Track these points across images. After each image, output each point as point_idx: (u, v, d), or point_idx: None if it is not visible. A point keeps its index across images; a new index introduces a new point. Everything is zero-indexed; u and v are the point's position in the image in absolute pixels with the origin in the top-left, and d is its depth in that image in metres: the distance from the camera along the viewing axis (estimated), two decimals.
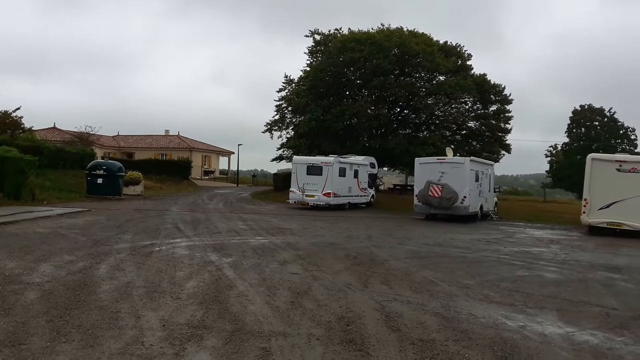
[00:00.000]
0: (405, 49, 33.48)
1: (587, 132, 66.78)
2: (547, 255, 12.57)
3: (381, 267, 9.88)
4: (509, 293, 7.99)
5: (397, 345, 5.34)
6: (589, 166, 19.43)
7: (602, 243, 16.20)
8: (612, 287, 8.94)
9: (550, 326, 6.23)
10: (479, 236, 16.51)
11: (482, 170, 23.62)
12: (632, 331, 6.19)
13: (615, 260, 12.33)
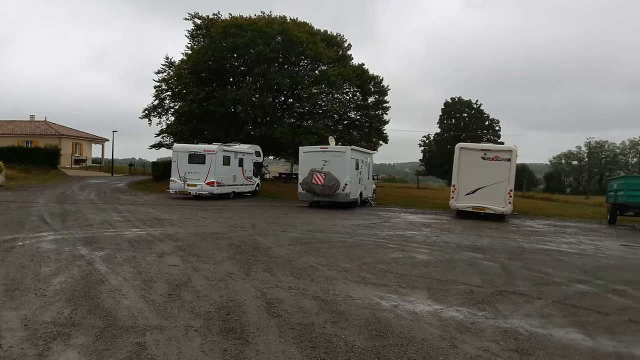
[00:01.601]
0: (288, 36, 33.63)
1: (457, 123, 72.55)
2: (419, 238, 13.48)
3: (264, 254, 9.89)
4: (384, 274, 8.44)
5: (277, 331, 5.38)
6: (457, 155, 21.13)
7: (469, 226, 17.74)
8: (476, 266, 9.82)
9: (421, 304, 6.68)
10: (358, 222, 17.23)
11: (362, 158, 24.62)
12: (493, 306, 6.84)
13: (480, 241, 13.57)
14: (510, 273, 9.18)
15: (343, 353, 4.87)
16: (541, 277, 8.93)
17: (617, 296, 7.80)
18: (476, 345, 5.21)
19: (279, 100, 38.58)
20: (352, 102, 39.28)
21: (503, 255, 11.19)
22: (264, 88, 35.04)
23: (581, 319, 6.38)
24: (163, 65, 37.40)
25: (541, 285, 8.24)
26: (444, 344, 5.22)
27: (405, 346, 5.09)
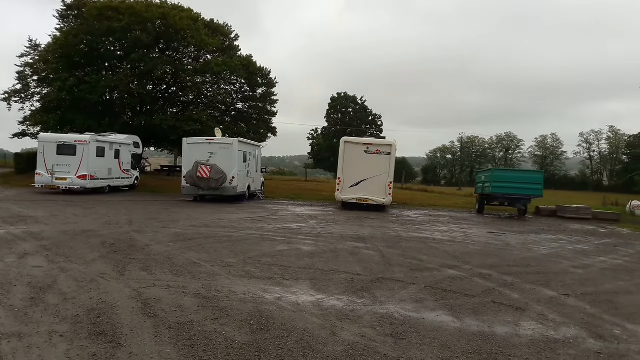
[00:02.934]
0: (169, 22, 32.28)
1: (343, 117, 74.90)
2: (305, 230, 13.73)
3: (141, 252, 9.43)
4: (269, 267, 8.47)
5: (153, 332, 5.16)
6: (342, 148, 21.81)
7: (352, 217, 18.42)
8: (358, 255, 10.22)
9: (304, 295, 6.80)
10: (245, 215, 17.11)
11: (250, 151, 24.45)
12: (371, 293, 7.17)
13: (362, 231, 14.15)
14: (388, 261, 9.69)
15: (222, 349, 4.80)
16: (416, 264, 9.54)
17: (482, 280, 8.55)
18: (354, 332, 5.41)
19: (161, 88, 36.95)
20: (239, 93, 38.80)
21: (382, 244, 11.77)
22: (143, 75, 33.30)
23: (450, 302, 6.91)
24: (27, 48, 34.04)
25: (416, 272, 8.80)
26: (324, 332, 5.36)
27: (286, 338, 5.15)
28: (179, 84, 36.21)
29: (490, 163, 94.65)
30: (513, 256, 11.45)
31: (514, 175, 25.09)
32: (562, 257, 11.70)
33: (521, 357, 5.03)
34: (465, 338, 5.49)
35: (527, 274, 9.38)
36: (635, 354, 5.28)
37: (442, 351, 5.05)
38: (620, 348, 5.44)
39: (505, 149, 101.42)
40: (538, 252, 12.40)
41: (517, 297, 7.43)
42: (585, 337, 5.80)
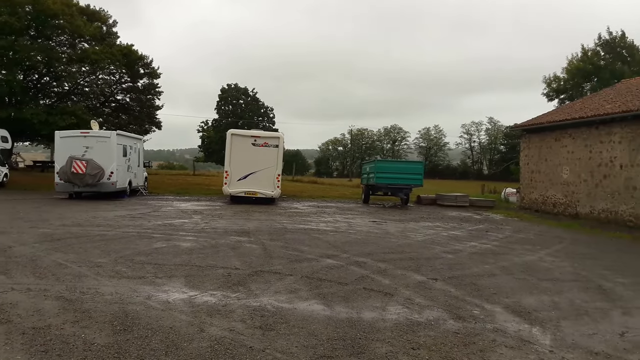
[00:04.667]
0: (40, 6, 29.76)
1: (234, 109, 73.95)
2: (188, 226, 13.46)
3: (1, 255, 8.70)
4: (142, 266, 8.21)
5: (3, 339, 4.82)
6: (229, 141, 21.60)
7: (240, 210, 18.35)
8: (239, 249, 10.23)
9: (176, 293, 6.70)
10: (124, 212, 16.36)
11: (131, 144, 23.35)
12: (247, 286, 7.23)
13: (247, 225, 14.16)
14: (269, 253, 9.82)
15: (80, 352, 4.60)
16: (296, 255, 9.76)
17: (357, 267, 8.96)
18: (223, 327, 5.44)
19: (32, 78, 34.01)
20: (119, 83, 36.79)
21: (266, 237, 11.89)
22: (12, 63, 30.42)
23: (324, 291, 7.18)
24: None
25: (295, 263, 9.01)
26: (192, 329, 5.33)
27: (149, 337, 5.04)
28: (52, 74, 33.57)
29: (379, 154, 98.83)
30: (390, 244, 12.08)
31: (396, 166, 26.54)
32: (436, 243, 12.57)
33: (383, 340, 5.36)
34: (332, 325, 5.74)
35: (401, 260, 9.96)
36: (488, 331, 5.83)
37: (308, 339, 5.24)
38: (477, 327, 5.98)
39: (393, 141, 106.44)
40: (414, 239, 13.21)
41: (388, 283, 7.89)
42: (447, 318, 6.29)
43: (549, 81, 48.93)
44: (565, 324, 6.16)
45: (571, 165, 21.09)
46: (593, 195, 19.60)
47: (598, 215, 19.14)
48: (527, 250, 12.06)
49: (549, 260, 10.77)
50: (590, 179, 19.83)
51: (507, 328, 5.94)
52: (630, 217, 17.53)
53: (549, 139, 22.82)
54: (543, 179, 23.23)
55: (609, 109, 19.41)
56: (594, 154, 19.66)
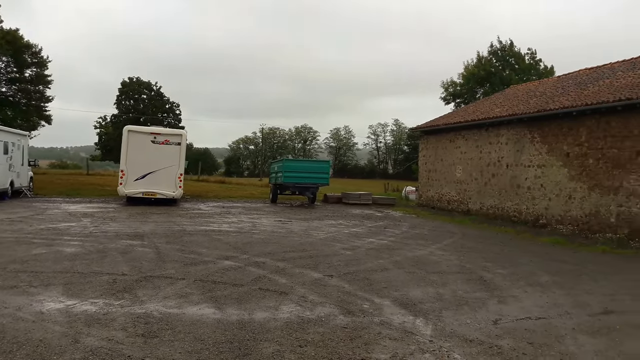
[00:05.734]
0: None
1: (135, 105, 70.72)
2: (74, 230, 12.66)
3: None
4: (15, 275, 7.60)
5: None
6: (126, 138, 20.62)
7: (136, 212, 17.58)
8: (129, 253, 9.78)
9: (51, 302, 6.26)
10: (2, 216, 15.06)
11: (13, 141, 21.55)
12: (133, 293, 6.92)
13: (142, 227, 13.60)
14: (162, 257, 9.49)
15: None
16: (193, 258, 9.52)
17: (256, 268, 8.92)
18: (101, 337, 5.17)
19: None
20: (2, 73, 33.87)
21: (162, 240, 11.49)
22: None
23: (217, 294, 7.05)
24: None
25: (190, 266, 8.79)
26: (65, 341, 5.00)
27: (15, 352, 4.67)
28: None
29: (291, 153, 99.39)
30: (292, 242, 12.16)
31: (304, 165, 26.79)
32: (337, 241, 12.84)
33: (272, 340, 5.37)
34: (222, 328, 5.65)
35: (301, 258, 10.07)
36: (375, 325, 6.03)
37: (193, 344, 5.12)
38: (364, 321, 6.17)
39: (304, 140, 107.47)
40: (316, 237, 13.39)
41: (284, 282, 7.93)
42: (337, 314, 6.43)
43: (446, 86, 51.75)
44: (447, 314, 6.53)
45: (464, 165, 22.44)
46: (483, 193, 21.00)
47: (487, 211, 20.55)
48: (420, 245, 12.66)
49: (438, 254, 11.38)
50: (480, 177, 21.22)
51: (392, 320, 6.18)
52: (515, 212, 18.99)
53: (445, 140, 24.12)
54: (439, 177, 24.52)
55: (498, 112, 20.89)
56: (483, 155, 21.06)
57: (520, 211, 18.72)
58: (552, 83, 22.40)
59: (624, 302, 7.55)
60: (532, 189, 18.16)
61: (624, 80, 16.45)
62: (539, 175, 17.81)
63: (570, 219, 16.33)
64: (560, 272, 9.74)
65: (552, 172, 17.21)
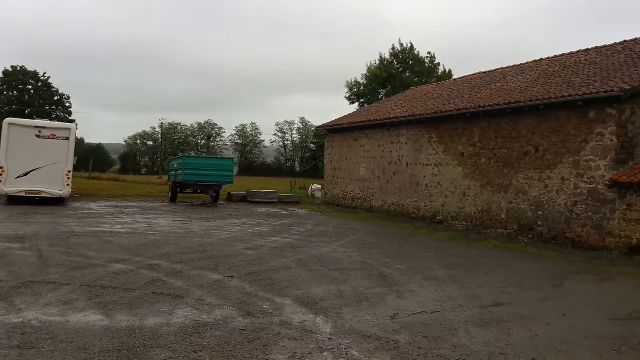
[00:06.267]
0: None
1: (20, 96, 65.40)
2: None
3: None
4: None
5: None
6: (6, 132, 18.93)
7: (18, 213, 16.19)
8: (7, 257, 8.96)
9: None
10: None
11: None
12: (9, 301, 6.32)
13: (24, 229, 12.53)
14: (45, 261, 8.78)
15: None
16: (80, 262, 8.90)
17: (149, 271, 8.50)
18: None
19: None
20: None
21: (45, 243, 10.64)
22: None
23: (105, 299, 6.62)
24: None
25: (76, 270, 8.19)
26: None
27: None
28: None
29: (194, 150, 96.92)
30: (192, 243, 11.78)
31: (206, 162, 26.11)
32: (240, 240, 12.63)
33: (164, 346, 5.12)
34: (109, 336, 5.30)
35: (200, 259, 9.77)
36: (275, 325, 5.96)
37: (77, 354, 4.75)
38: (264, 322, 6.07)
39: (207, 137, 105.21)
40: (218, 237, 13.09)
41: (181, 285, 7.63)
42: (236, 316, 6.28)
43: (350, 86, 53.04)
44: (347, 311, 6.62)
45: (367, 163, 23.08)
46: (385, 191, 21.72)
47: (389, 209, 21.29)
48: (324, 242, 12.81)
49: (341, 251, 11.58)
50: (382, 175, 21.93)
51: (293, 320, 6.16)
52: (414, 209, 19.84)
53: (349, 139, 24.66)
54: (344, 175, 25.03)
55: (399, 113, 21.69)
56: (385, 153, 21.78)
57: (419, 208, 19.58)
58: (449, 86, 23.68)
59: (512, 294, 8.09)
60: (429, 186, 19.06)
61: (513, 84, 17.74)
62: (436, 174, 18.74)
63: (464, 216, 17.33)
64: (455, 266, 10.27)
65: (448, 170, 18.17)
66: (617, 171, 12.50)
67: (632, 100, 12.57)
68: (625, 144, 12.66)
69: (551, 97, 14.11)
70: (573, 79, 15.09)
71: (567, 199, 13.75)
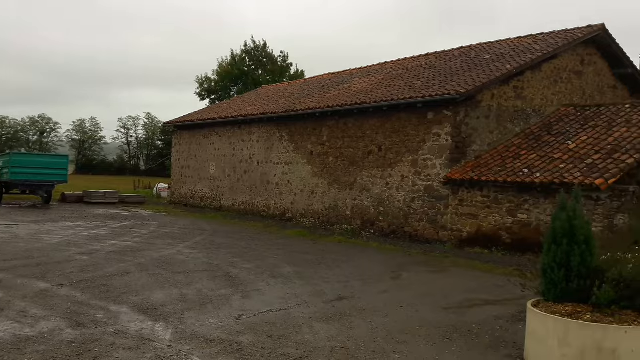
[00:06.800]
0: None
1: None
2: None
3: None
4: None
5: None
6: None
7: None
8: None
9: None
10: None
11: None
12: None
13: None
14: None
15: None
16: None
17: None
18: None
19: None
20: None
21: None
22: None
23: None
24: None
25: None
26: None
27: None
28: None
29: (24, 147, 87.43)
30: (17, 249, 10.75)
31: (36, 160, 23.77)
32: (73, 245, 11.66)
33: None
34: None
35: (26, 267, 8.90)
36: (109, 335, 5.52)
37: None
38: (96, 332, 5.59)
39: (40, 132, 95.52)
40: (48, 241, 11.99)
41: (0, 296, 6.82)
42: (64, 327, 5.73)
43: (201, 81, 51.75)
44: (189, 315, 6.37)
45: (217, 162, 22.70)
46: (235, 189, 21.55)
47: (239, 207, 21.15)
48: (168, 244, 12.28)
49: (186, 252, 11.19)
50: (233, 174, 21.72)
51: (129, 329, 5.77)
52: (264, 207, 19.95)
53: (199, 136, 24.04)
54: (192, 174, 24.34)
55: (250, 110, 21.65)
56: (237, 152, 21.60)
57: (269, 206, 19.73)
58: (300, 85, 24.23)
59: (355, 288, 8.46)
60: (280, 185, 19.31)
61: (360, 85, 18.67)
62: (287, 172, 19.04)
63: (312, 213, 17.84)
64: (302, 263, 10.49)
65: (298, 169, 18.56)
66: (451, 169, 13.74)
67: (466, 103, 13.84)
68: (459, 144, 13.93)
69: (394, 98, 15.08)
70: (414, 81, 16.29)
71: (406, 196, 14.81)
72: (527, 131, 14.60)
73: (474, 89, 13.52)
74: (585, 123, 13.80)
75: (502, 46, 16.99)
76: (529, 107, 15.04)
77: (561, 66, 15.65)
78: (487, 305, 7.57)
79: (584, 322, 4.80)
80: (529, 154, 13.21)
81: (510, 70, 14.20)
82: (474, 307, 7.44)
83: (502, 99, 14.53)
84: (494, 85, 14.16)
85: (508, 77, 14.32)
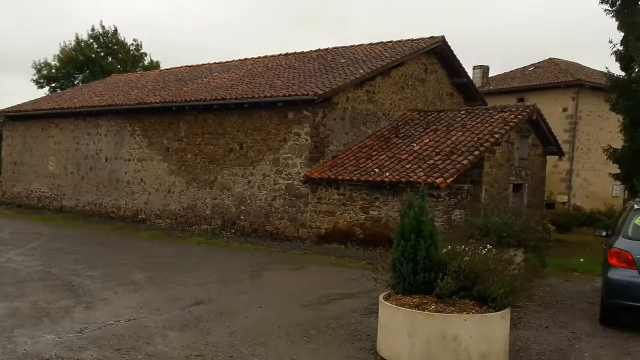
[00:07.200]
0: None
1: None
2: None
3: None
4: None
5: None
6: None
7: None
8: None
9: None
10: None
11: None
12: None
13: None
14: None
15: None
16: None
17: None
18: None
19: None
20: None
21: None
22: None
23: None
24: None
25: None
26: None
27: None
28: None
29: None
30: None
31: None
32: None
33: None
34: None
35: None
36: None
37: None
38: None
39: None
40: None
41: None
42: None
43: (39, 67, 46.84)
44: (21, 332, 5.70)
45: (58, 157, 20.75)
46: (79, 188, 19.87)
47: (84, 208, 19.55)
48: None
49: (18, 260, 10.03)
50: (77, 171, 20.02)
51: None
52: (114, 208, 18.68)
53: (35, 128, 21.77)
54: (28, 171, 22.00)
55: (97, 101, 20.09)
56: (81, 146, 19.93)
57: (119, 206, 18.52)
58: (154, 76, 23.03)
59: (213, 290, 8.22)
60: (132, 183, 18.20)
61: (220, 80, 18.23)
62: (139, 169, 18.00)
63: (169, 213, 17.09)
64: (156, 267, 9.96)
65: (152, 166, 17.64)
66: (310, 168, 14.03)
67: (324, 104, 14.19)
68: (318, 143, 14.26)
69: (255, 96, 14.97)
70: (275, 80, 16.31)
71: (268, 194, 14.82)
72: (377, 133, 15.46)
73: (330, 91, 13.94)
74: (427, 127, 15.03)
75: (355, 51, 17.74)
76: (380, 111, 15.91)
77: (407, 73, 16.77)
78: (344, 299, 7.83)
79: (429, 313, 5.16)
80: (379, 154, 14.03)
81: (363, 75, 14.90)
82: (331, 303, 7.64)
83: (356, 102, 15.19)
84: (348, 89, 14.73)
85: (361, 81, 15.01)
